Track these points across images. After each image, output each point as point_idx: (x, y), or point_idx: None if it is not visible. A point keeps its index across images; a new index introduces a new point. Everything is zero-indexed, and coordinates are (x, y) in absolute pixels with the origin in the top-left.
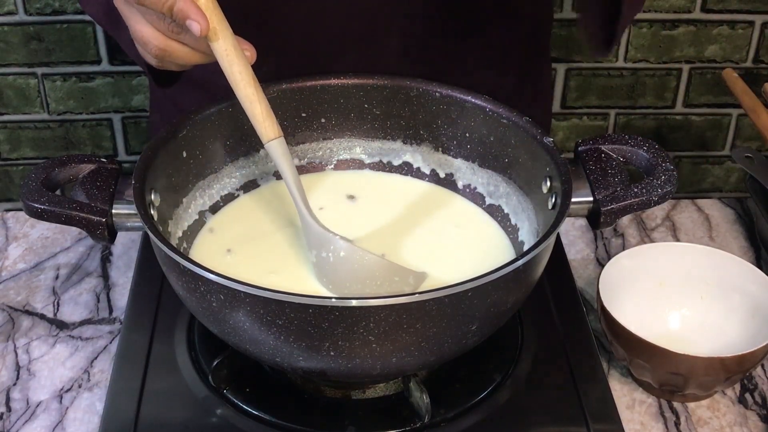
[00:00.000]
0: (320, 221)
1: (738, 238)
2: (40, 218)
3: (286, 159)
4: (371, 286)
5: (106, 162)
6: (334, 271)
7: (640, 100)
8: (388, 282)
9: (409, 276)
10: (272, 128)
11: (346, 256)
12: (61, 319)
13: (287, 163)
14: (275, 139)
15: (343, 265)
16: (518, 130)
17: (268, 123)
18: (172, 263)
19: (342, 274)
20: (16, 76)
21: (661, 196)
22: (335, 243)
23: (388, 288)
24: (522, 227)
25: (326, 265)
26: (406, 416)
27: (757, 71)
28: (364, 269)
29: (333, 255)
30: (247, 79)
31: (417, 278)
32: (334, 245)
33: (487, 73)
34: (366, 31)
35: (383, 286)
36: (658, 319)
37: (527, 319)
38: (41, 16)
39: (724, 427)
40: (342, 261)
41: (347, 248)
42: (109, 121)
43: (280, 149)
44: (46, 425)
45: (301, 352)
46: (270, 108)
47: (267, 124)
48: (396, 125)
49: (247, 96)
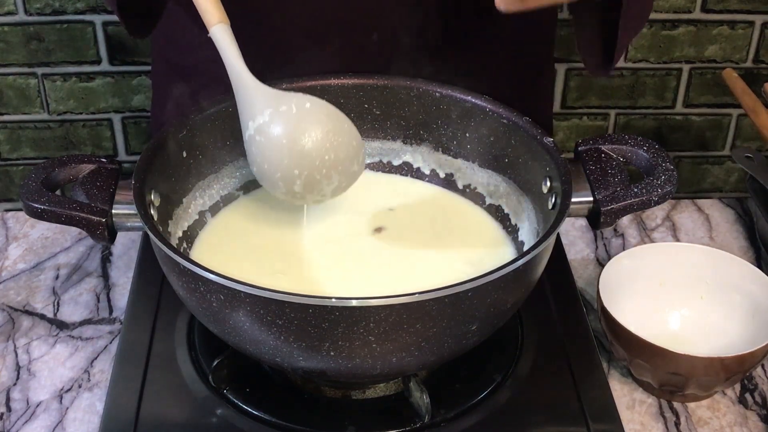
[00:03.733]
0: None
1: (738, 238)
2: (40, 218)
3: (231, 43)
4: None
5: (106, 162)
6: (291, 131)
7: (640, 100)
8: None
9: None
10: (216, 14)
11: (312, 106)
12: (61, 319)
13: (232, 47)
14: (218, 24)
15: (306, 118)
16: (518, 130)
17: (213, 8)
18: (172, 263)
19: (298, 132)
20: (16, 76)
21: (661, 196)
22: (297, 96)
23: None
24: (522, 227)
25: (282, 123)
26: (406, 416)
27: (757, 71)
28: (326, 119)
29: (297, 106)
30: None
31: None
32: (297, 98)
33: (489, 74)
34: (370, 27)
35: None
36: (658, 319)
37: (527, 319)
38: (41, 16)
39: (724, 427)
40: (307, 112)
41: (313, 99)
42: (109, 121)
43: (227, 36)
44: (46, 425)
45: (301, 352)
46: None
47: (212, 10)
48: (396, 125)
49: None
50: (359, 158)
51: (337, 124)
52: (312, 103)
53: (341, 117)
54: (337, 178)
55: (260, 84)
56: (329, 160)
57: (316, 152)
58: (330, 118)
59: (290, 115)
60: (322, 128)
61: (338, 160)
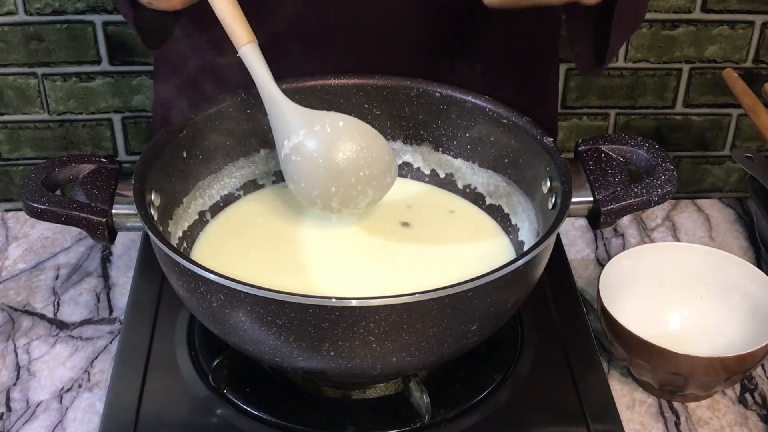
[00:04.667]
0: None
1: (738, 238)
2: (40, 218)
3: (261, 63)
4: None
5: (106, 162)
6: (326, 150)
7: (640, 100)
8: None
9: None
10: (245, 34)
11: (345, 125)
12: (61, 319)
13: (262, 67)
14: (248, 44)
15: (340, 136)
16: (518, 130)
17: (240, 29)
18: (172, 263)
19: (331, 152)
20: (16, 76)
21: (661, 196)
22: (330, 115)
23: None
24: (522, 227)
25: (317, 142)
26: (406, 416)
27: (757, 71)
28: (359, 138)
29: (330, 126)
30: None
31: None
32: (330, 117)
33: (493, 75)
34: (373, 27)
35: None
36: (658, 319)
37: (527, 319)
38: (41, 16)
39: (724, 427)
40: (341, 131)
41: (346, 118)
42: (109, 121)
43: (256, 56)
44: (46, 425)
45: (301, 352)
46: (243, 16)
47: (239, 31)
48: (396, 125)
49: (222, 5)
50: (392, 171)
51: (370, 141)
52: (345, 122)
53: (374, 133)
54: (372, 192)
55: (292, 104)
56: (364, 177)
57: (351, 170)
58: (363, 136)
59: (324, 134)
60: (356, 146)
61: (372, 176)
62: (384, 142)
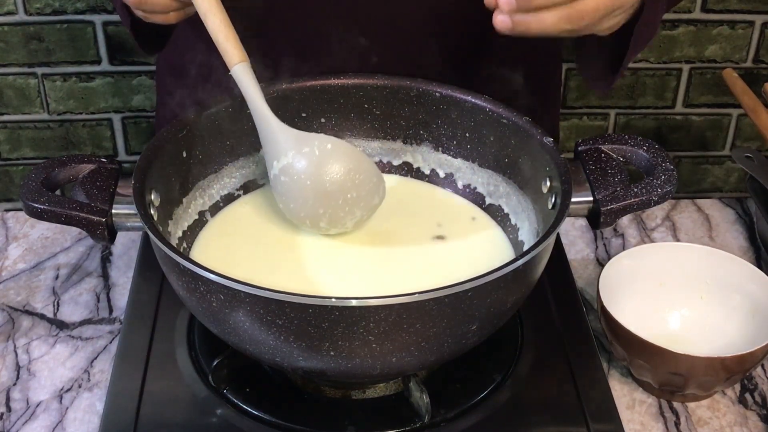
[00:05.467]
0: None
1: (738, 238)
2: (40, 218)
3: (252, 83)
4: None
5: (106, 162)
6: (316, 172)
7: (640, 100)
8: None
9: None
10: (237, 54)
11: (333, 147)
12: (61, 319)
13: (254, 87)
14: (239, 64)
15: (328, 159)
16: (518, 130)
17: (232, 48)
18: (172, 263)
19: (321, 174)
20: (16, 76)
21: (661, 196)
22: (319, 138)
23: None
24: (522, 227)
25: (305, 164)
26: (406, 416)
27: (757, 71)
28: (347, 159)
29: (319, 149)
30: (214, 10)
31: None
32: (319, 140)
33: (497, 75)
34: (375, 34)
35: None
36: (658, 319)
37: (527, 319)
38: (41, 16)
39: (724, 427)
40: (328, 153)
41: (334, 141)
42: (109, 121)
43: (248, 75)
44: (46, 425)
45: (301, 352)
46: (236, 35)
47: (231, 50)
48: (396, 125)
49: (215, 25)
50: (380, 192)
51: (358, 164)
52: (333, 144)
53: (361, 156)
54: (359, 213)
55: (283, 125)
56: (351, 198)
57: (339, 192)
58: (350, 158)
59: (313, 156)
60: (343, 168)
61: (360, 197)
62: (371, 164)
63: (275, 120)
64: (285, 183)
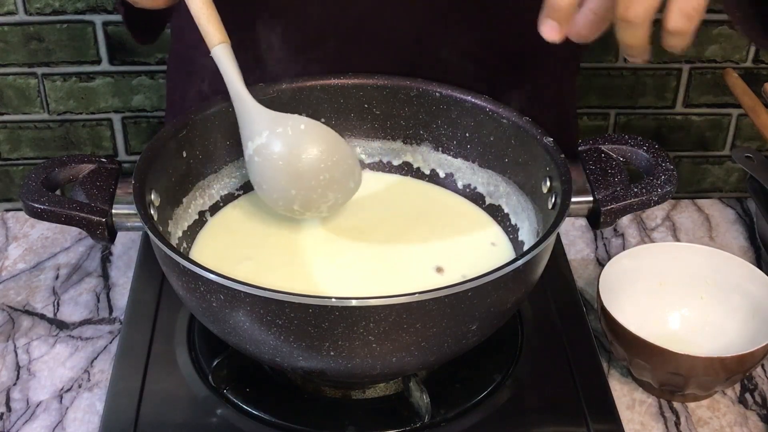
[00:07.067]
0: None
1: (738, 238)
2: (40, 218)
3: (231, 63)
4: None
5: (106, 162)
6: (287, 151)
7: (640, 100)
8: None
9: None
10: (218, 35)
11: (307, 128)
12: (61, 319)
13: (232, 68)
14: (219, 45)
15: (301, 139)
16: (518, 130)
17: (214, 29)
18: (172, 263)
19: (295, 154)
20: (16, 76)
21: (661, 196)
22: (293, 118)
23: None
24: (522, 227)
25: (278, 145)
26: (406, 416)
27: (757, 71)
28: (321, 140)
29: (292, 128)
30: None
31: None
32: (293, 120)
33: (505, 77)
34: (382, 30)
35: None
36: (658, 319)
37: (527, 319)
38: (41, 16)
39: (724, 427)
40: (302, 133)
41: (308, 121)
42: (109, 121)
43: (228, 56)
44: (46, 425)
45: (301, 352)
46: (218, 17)
47: (213, 31)
48: (396, 125)
49: (197, 6)
50: (355, 176)
51: (332, 145)
52: (306, 125)
53: (336, 137)
54: (333, 196)
55: (258, 105)
56: (324, 180)
57: (311, 173)
58: (324, 139)
59: (286, 137)
60: (316, 149)
61: (333, 180)
62: (347, 146)
63: (252, 100)
64: (258, 164)
